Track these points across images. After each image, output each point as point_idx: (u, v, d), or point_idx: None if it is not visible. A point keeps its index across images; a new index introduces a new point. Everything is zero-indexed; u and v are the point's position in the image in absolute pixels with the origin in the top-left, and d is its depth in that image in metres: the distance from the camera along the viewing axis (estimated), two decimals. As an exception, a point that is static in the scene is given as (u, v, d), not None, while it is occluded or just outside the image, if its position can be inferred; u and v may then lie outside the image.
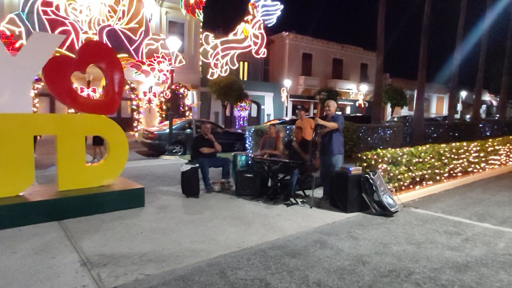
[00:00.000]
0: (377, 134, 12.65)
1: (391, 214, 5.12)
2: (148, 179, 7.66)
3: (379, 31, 14.42)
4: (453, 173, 7.52)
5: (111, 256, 3.62)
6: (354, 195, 5.31)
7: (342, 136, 5.83)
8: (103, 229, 4.41)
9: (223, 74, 22.54)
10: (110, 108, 5.63)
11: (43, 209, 4.62)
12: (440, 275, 3.28)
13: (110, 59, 5.57)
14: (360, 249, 3.89)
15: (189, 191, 6.16)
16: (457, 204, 5.96)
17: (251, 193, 6.20)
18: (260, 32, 23.75)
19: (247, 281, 3.12)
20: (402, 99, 29.21)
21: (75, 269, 3.31)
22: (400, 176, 6.11)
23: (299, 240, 4.16)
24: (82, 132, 5.32)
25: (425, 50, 14.99)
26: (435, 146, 7.08)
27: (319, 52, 31.15)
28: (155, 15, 20.36)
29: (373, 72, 33.50)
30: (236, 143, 13.64)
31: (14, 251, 3.70)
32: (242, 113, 25.69)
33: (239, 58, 24.14)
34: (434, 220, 5.02)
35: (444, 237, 4.30)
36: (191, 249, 3.81)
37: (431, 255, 3.75)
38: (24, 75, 4.78)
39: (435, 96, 40.95)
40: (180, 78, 20.50)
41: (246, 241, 4.07)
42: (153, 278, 3.16)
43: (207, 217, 5.01)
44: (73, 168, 5.17)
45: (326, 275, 3.25)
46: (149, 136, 12.57)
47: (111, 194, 5.18)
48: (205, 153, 6.69)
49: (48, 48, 5.00)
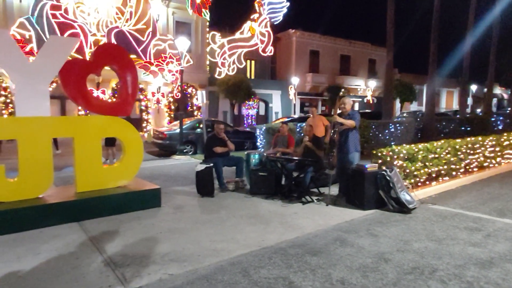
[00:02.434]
0: (388, 130, 12.56)
1: (409, 211, 5.08)
2: (162, 179, 7.70)
3: (388, 27, 14.29)
4: (469, 168, 7.43)
5: (133, 256, 3.65)
6: (370, 192, 5.28)
7: (359, 133, 5.79)
8: (123, 230, 4.45)
9: (231, 73, 22.54)
10: (125, 109, 5.67)
11: (63, 210, 4.68)
12: (465, 272, 3.24)
13: (124, 61, 5.61)
14: (381, 247, 3.86)
15: (204, 190, 6.18)
16: (475, 199, 5.88)
17: (265, 191, 6.20)
18: (267, 30, 23.65)
19: (271, 280, 3.12)
20: (411, 94, 28.89)
21: (100, 269, 3.34)
22: (416, 173, 6.05)
23: (319, 238, 4.15)
24: (99, 134, 5.37)
25: (435, 44, 14.81)
26: (450, 142, 7.00)
27: (326, 49, 30.97)
28: (162, 16, 20.45)
29: (382, 68, 33.30)
30: (246, 142, 13.65)
31: (38, 252, 3.75)
32: (250, 111, 25.69)
33: (246, 56, 24.10)
34: (453, 216, 4.97)
35: (465, 233, 4.25)
36: (211, 249, 3.83)
37: (453, 251, 3.71)
38: (41, 79, 4.83)
39: (444, 90, 40.47)
40: (187, 77, 20.54)
41: (265, 240, 4.08)
42: (176, 277, 3.18)
43: (224, 216, 5.02)
44: (90, 169, 5.22)
45: (349, 273, 3.24)
46: (159, 137, 12.64)
47: (129, 195, 5.23)
48: (219, 153, 6.71)
49: (64, 52, 5.05)
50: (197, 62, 21.60)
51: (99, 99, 7.63)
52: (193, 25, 22.06)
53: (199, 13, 20.84)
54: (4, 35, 4.69)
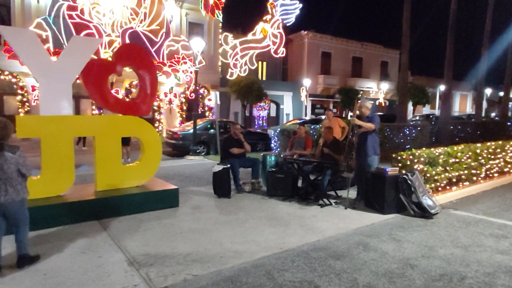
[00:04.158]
0: (403, 133, 12.40)
1: (431, 216, 4.99)
2: (177, 179, 7.72)
3: (404, 28, 14.13)
4: (490, 173, 7.27)
5: (156, 256, 3.65)
6: (391, 196, 5.20)
7: (378, 136, 5.71)
8: (143, 229, 4.47)
9: (242, 74, 22.55)
10: (145, 109, 5.70)
11: (84, 208, 4.72)
12: (495, 280, 3.16)
13: (145, 61, 5.64)
14: (405, 252, 3.79)
15: (221, 191, 6.17)
16: (498, 205, 5.75)
17: (282, 193, 6.16)
18: (279, 32, 23.59)
19: (296, 283, 3.09)
20: (425, 97, 28.54)
21: (124, 268, 3.35)
22: (436, 177, 5.94)
23: (340, 242, 4.09)
24: (119, 133, 5.41)
25: (451, 47, 14.61)
26: (471, 146, 6.87)
27: (339, 51, 30.79)
28: (176, 17, 20.59)
29: (394, 70, 33.01)
30: (258, 143, 13.63)
31: (62, 250, 3.78)
32: (261, 113, 25.66)
33: (257, 58, 24.08)
34: (477, 222, 4.86)
35: (491, 240, 4.15)
36: (233, 250, 3.81)
37: (481, 258, 3.63)
38: (64, 78, 4.88)
39: (458, 93, 39.88)
40: (200, 78, 20.56)
41: (286, 242, 4.04)
42: (201, 278, 3.17)
43: (243, 217, 5.00)
44: (110, 168, 5.26)
45: (376, 279, 3.18)
46: (173, 137, 12.70)
47: (148, 195, 5.25)
48: (235, 154, 6.69)
49: (86, 52, 5.10)
50: (209, 63, 21.68)
51: (118, 98, 7.66)
52: (206, 26, 22.16)
53: (212, 14, 20.91)
54: (30, 34, 4.77)
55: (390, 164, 5.80)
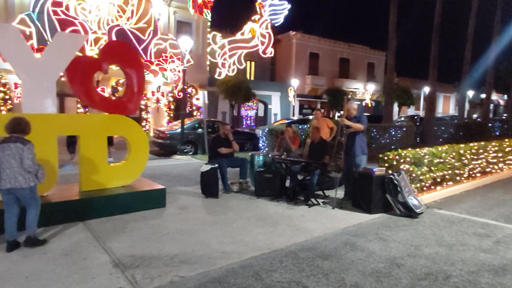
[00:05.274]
0: (388, 134, 12.58)
1: (416, 216, 5.06)
2: (164, 179, 7.63)
3: (390, 32, 14.33)
4: (473, 173, 7.44)
5: (142, 257, 3.59)
6: (378, 196, 5.26)
7: (366, 136, 5.77)
8: (129, 230, 4.39)
9: (231, 73, 22.49)
10: (131, 108, 5.61)
11: (68, 209, 4.61)
12: (479, 279, 3.22)
13: (132, 59, 5.55)
14: (392, 251, 3.83)
15: (209, 191, 6.13)
16: (481, 205, 5.88)
17: (270, 193, 6.16)
18: (267, 32, 23.64)
19: (284, 284, 3.08)
20: (409, 98, 29.03)
21: (109, 271, 3.28)
22: (422, 177, 6.04)
23: (328, 241, 4.11)
24: (105, 132, 5.30)
25: (436, 49, 14.88)
26: (455, 146, 7.01)
27: (326, 52, 31.02)
28: (163, 15, 20.36)
29: (380, 72, 33.46)
30: (246, 143, 13.60)
31: (44, 252, 3.68)
32: (249, 112, 25.65)
33: (246, 57, 24.07)
34: (460, 221, 4.96)
35: (475, 239, 4.24)
36: (221, 251, 3.78)
37: (465, 257, 3.70)
38: (48, 75, 4.76)
39: (441, 95, 40.68)
40: (188, 77, 20.34)
41: (274, 243, 4.04)
42: (188, 280, 3.13)
43: (231, 218, 4.98)
44: (95, 168, 5.15)
45: (363, 278, 3.21)
46: (160, 136, 12.56)
47: (134, 195, 5.17)
48: (223, 153, 6.65)
49: (71, 48, 4.98)
50: (197, 62, 21.52)
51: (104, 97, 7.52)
52: (194, 25, 21.98)
53: (201, 13, 20.80)
54: (13, 29, 4.64)
55: (377, 164, 5.87)
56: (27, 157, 3.64)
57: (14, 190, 3.67)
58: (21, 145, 3.63)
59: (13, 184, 3.63)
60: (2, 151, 3.61)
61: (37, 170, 3.79)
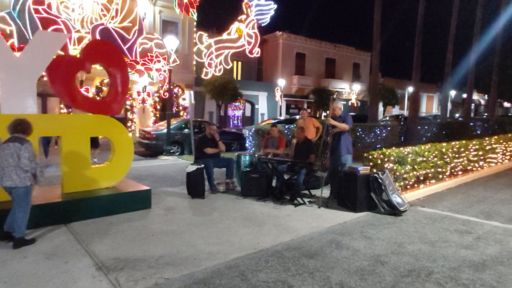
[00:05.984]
0: (374, 133, 12.75)
1: (400, 213, 5.15)
2: (150, 180, 7.55)
3: (375, 33, 14.52)
4: (454, 171, 7.61)
5: (126, 259, 3.54)
6: (362, 194, 5.32)
7: (351, 136, 5.83)
8: (113, 232, 4.32)
9: (217, 73, 22.40)
10: (116, 108, 5.53)
11: (50, 212, 4.51)
12: (460, 274, 3.30)
13: (115, 58, 5.47)
14: (376, 249, 3.89)
15: (194, 192, 6.09)
16: (462, 202, 6.02)
17: (256, 193, 6.16)
18: (254, 32, 23.63)
19: (270, 284, 3.08)
20: (394, 98, 29.53)
21: (91, 274, 3.22)
22: (405, 175, 6.14)
23: (314, 240, 4.14)
24: (88, 133, 5.21)
25: (419, 50, 15.17)
26: (437, 145, 7.15)
27: (312, 52, 31.23)
28: (149, 14, 20.13)
29: (365, 72, 33.91)
30: (233, 143, 13.58)
31: (25, 255, 3.59)
32: (236, 112, 25.60)
33: (232, 57, 24.01)
34: (442, 218, 5.06)
35: (456, 236, 4.34)
36: (206, 252, 3.76)
37: (447, 254, 3.78)
38: (28, 75, 4.64)
39: (425, 95, 41.48)
40: (174, 77, 20.23)
41: (260, 243, 4.04)
42: (173, 282, 3.10)
43: (217, 218, 4.95)
44: (78, 169, 5.06)
45: (348, 276, 3.24)
46: (146, 136, 12.42)
47: (118, 196, 5.09)
48: (210, 154, 6.62)
49: (53, 47, 4.88)
50: (183, 62, 21.37)
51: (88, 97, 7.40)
52: (180, 24, 21.81)
53: (187, 12, 20.63)
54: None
55: (362, 163, 5.94)
56: (23, 156, 3.71)
57: (10, 188, 3.77)
58: (19, 144, 3.72)
59: (8, 182, 3.72)
60: (2, 150, 3.73)
61: (35, 169, 3.83)
